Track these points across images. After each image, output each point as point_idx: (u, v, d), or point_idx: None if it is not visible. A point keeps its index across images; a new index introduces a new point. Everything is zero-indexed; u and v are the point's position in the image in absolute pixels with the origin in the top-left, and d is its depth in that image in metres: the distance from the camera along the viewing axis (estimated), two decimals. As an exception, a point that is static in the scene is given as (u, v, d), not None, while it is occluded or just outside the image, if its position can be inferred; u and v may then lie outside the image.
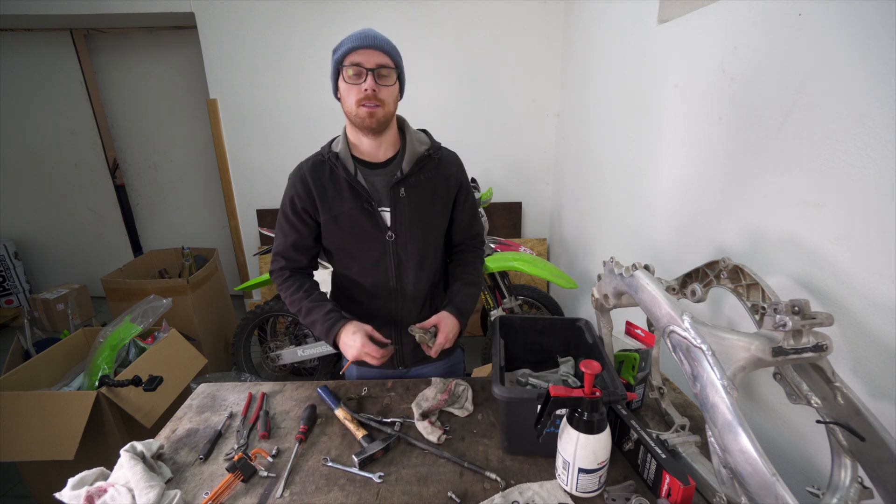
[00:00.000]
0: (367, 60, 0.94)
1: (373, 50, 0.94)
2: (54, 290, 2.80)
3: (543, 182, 3.10)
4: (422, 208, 1.08)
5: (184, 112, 3.34)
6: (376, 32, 0.97)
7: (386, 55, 0.96)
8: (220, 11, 2.75)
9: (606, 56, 2.02)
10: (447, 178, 1.11)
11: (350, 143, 1.07)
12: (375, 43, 0.94)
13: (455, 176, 1.12)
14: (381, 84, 0.96)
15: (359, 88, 0.95)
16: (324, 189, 1.06)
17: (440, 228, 1.14)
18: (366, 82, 0.95)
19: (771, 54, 0.97)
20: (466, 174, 1.18)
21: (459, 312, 1.11)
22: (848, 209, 0.79)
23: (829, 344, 0.66)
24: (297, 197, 1.07)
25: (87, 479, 0.81)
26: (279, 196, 1.11)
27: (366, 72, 0.94)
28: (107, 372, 1.53)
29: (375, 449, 0.89)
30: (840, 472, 0.69)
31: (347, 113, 1.01)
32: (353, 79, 0.96)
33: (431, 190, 1.09)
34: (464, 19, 2.75)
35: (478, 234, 1.24)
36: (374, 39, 0.95)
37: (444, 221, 1.14)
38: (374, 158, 1.08)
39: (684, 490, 0.72)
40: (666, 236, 1.46)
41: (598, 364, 0.78)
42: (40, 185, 3.46)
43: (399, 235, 1.07)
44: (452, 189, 1.12)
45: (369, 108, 0.97)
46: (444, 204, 1.12)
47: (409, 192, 1.06)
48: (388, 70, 0.97)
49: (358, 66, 0.94)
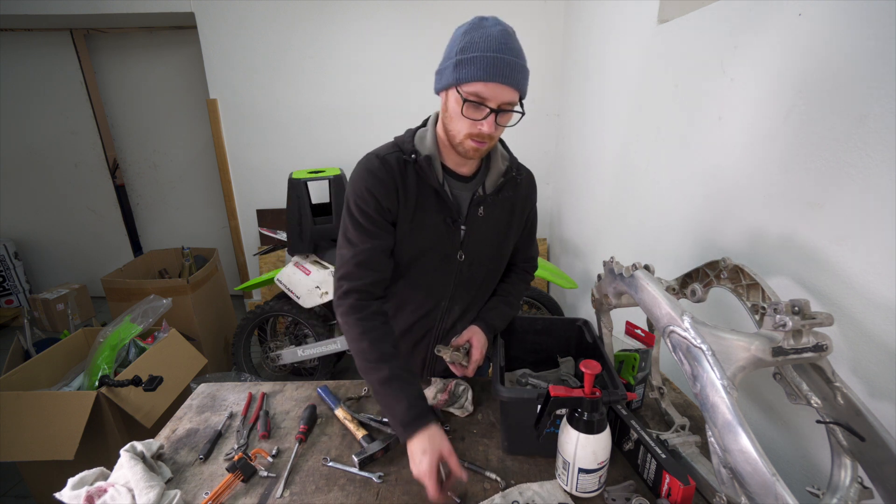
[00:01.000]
0: (495, 96, 0.78)
1: (504, 86, 0.77)
2: (54, 290, 2.80)
3: (543, 182, 3.10)
4: (497, 230, 1.00)
5: (184, 112, 3.34)
6: (513, 56, 0.77)
7: (517, 91, 0.79)
8: (220, 11, 2.75)
9: (606, 56, 2.02)
10: (524, 199, 1.03)
11: (439, 148, 0.94)
12: (512, 76, 0.77)
13: (531, 198, 1.05)
14: (501, 124, 0.82)
15: (472, 123, 0.81)
16: (409, 193, 0.91)
17: (508, 252, 1.07)
18: (484, 124, 0.80)
19: (771, 54, 0.97)
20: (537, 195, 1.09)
21: (489, 328, 1.05)
22: (848, 209, 0.79)
23: (829, 344, 0.66)
24: (379, 195, 0.88)
25: (87, 479, 0.81)
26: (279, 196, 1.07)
27: (488, 110, 0.79)
28: (107, 372, 1.53)
29: (375, 449, 0.89)
30: (840, 472, 0.69)
31: (450, 134, 0.87)
32: (471, 112, 0.80)
33: (509, 211, 1.01)
34: (464, 19, 2.74)
35: (533, 256, 1.17)
36: (511, 72, 0.76)
37: (513, 245, 1.07)
38: (459, 170, 0.96)
39: (684, 490, 0.72)
40: (666, 236, 1.46)
41: (598, 364, 0.78)
42: (40, 185, 3.46)
43: (468, 255, 0.98)
44: (526, 211, 1.05)
45: (478, 144, 0.84)
46: (518, 227, 1.05)
47: (487, 211, 0.97)
48: (513, 106, 0.81)
49: (481, 103, 0.79)
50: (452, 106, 0.83)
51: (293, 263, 2.26)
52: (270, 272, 2.38)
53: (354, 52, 2.82)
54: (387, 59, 2.83)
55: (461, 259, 0.98)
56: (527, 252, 1.15)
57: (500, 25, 0.80)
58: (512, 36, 0.79)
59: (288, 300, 2.27)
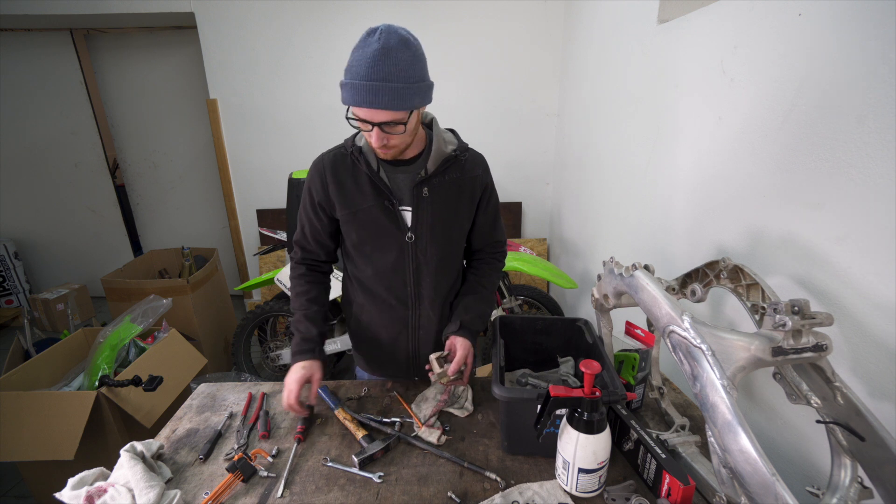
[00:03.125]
0: (372, 116, 0.85)
1: (375, 110, 0.84)
2: (54, 290, 2.80)
3: (543, 182, 3.10)
4: (445, 210, 1.03)
5: (184, 112, 3.34)
6: (381, 81, 0.81)
7: (392, 112, 0.84)
8: (220, 11, 2.75)
9: (606, 56, 2.02)
10: (473, 179, 1.06)
11: None
12: (379, 103, 0.82)
13: (481, 178, 1.07)
14: (390, 132, 0.88)
15: (368, 135, 0.90)
16: (343, 183, 1.01)
17: (462, 232, 1.10)
18: (372, 136, 0.88)
19: (771, 54, 0.97)
20: (492, 176, 1.12)
21: (470, 333, 1.06)
22: (848, 209, 0.79)
23: (828, 344, 0.66)
24: (314, 190, 1.03)
25: (86, 480, 0.81)
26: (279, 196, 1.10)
27: (371, 126, 0.86)
28: (107, 372, 1.53)
29: (375, 449, 0.89)
30: (840, 471, 0.69)
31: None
32: (361, 124, 0.88)
33: (456, 191, 1.04)
34: (464, 19, 2.75)
35: (499, 240, 1.18)
36: (378, 97, 0.81)
37: (466, 225, 1.10)
38: (396, 156, 1.00)
39: (684, 490, 0.72)
40: (666, 236, 1.46)
41: (597, 364, 0.78)
42: (40, 185, 3.46)
43: (420, 237, 1.02)
44: (478, 191, 1.07)
45: (382, 151, 0.93)
46: (469, 207, 1.07)
47: (432, 193, 1.01)
48: (396, 125, 0.87)
49: (363, 121, 0.86)
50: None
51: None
52: (270, 272, 2.38)
53: (354, 52, 2.82)
54: (387, 59, 2.83)
55: (410, 240, 1.03)
56: (492, 236, 1.16)
57: (380, 42, 0.80)
58: (389, 54, 0.80)
59: (288, 300, 2.26)
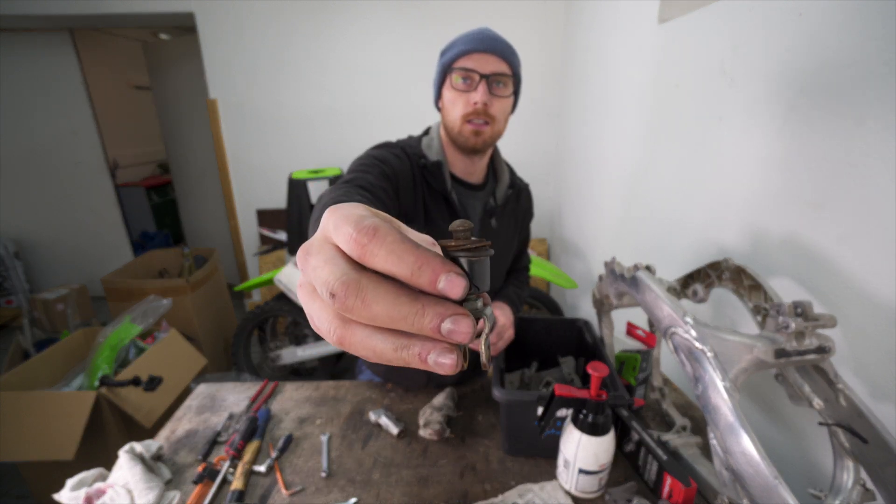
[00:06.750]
0: (482, 66, 0.80)
1: (490, 55, 0.80)
2: (54, 290, 2.80)
3: (543, 182, 3.10)
4: (506, 242, 1.01)
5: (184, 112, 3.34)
6: (495, 33, 0.83)
7: (505, 62, 0.82)
8: (220, 11, 2.75)
9: (606, 56, 2.02)
10: (525, 211, 1.05)
11: (445, 155, 0.92)
12: (494, 46, 0.80)
13: (530, 210, 1.07)
14: (496, 94, 0.82)
15: (467, 99, 0.82)
16: (418, 193, 0.89)
17: (510, 262, 1.09)
18: (477, 92, 0.81)
19: (771, 54, 0.97)
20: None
21: (511, 301, 1.03)
22: (848, 209, 0.79)
23: (831, 346, 0.65)
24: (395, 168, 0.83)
25: (86, 480, 0.81)
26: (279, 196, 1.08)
27: (478, 78, 0.81)
28: (107, 372, 1.53)
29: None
30: (842, 474, 0.69)
31: (449, 127, 0.88)
32: (463, 86, 0.82)
33: (514, 223, 1.03)
34: (464, 19, 2.75)
35: (526, 266, 1.19)
36: (494, 42, 0.81)
37: (513, 257, 1.09)
38: (467, 178, 0.94)
39: (686, 492, 0.72)
40: (667, 237, 1.45)
41: (605, 367, 0.78)
42: (40, 185, 3.45)
43: None
44: (526, 223, 1.07)
45: (475, 126, 0.83)
46: (519, 238, 1.07)
47: (499, 223, 0.97)
48: (505, 79, 0.83)
49: (470, 71, 0.81)
50: (447, 95, 0.86)
51: (293, 263, 2.26)
52: (270, 272, 2.37)
53: (355, 53, 2.82)
54: (387, 59, 2.83)
55: None
56: (520, 262, 1.17)
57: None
58: (491, 29, 0.85)
59: (288, 300, 2.26)
